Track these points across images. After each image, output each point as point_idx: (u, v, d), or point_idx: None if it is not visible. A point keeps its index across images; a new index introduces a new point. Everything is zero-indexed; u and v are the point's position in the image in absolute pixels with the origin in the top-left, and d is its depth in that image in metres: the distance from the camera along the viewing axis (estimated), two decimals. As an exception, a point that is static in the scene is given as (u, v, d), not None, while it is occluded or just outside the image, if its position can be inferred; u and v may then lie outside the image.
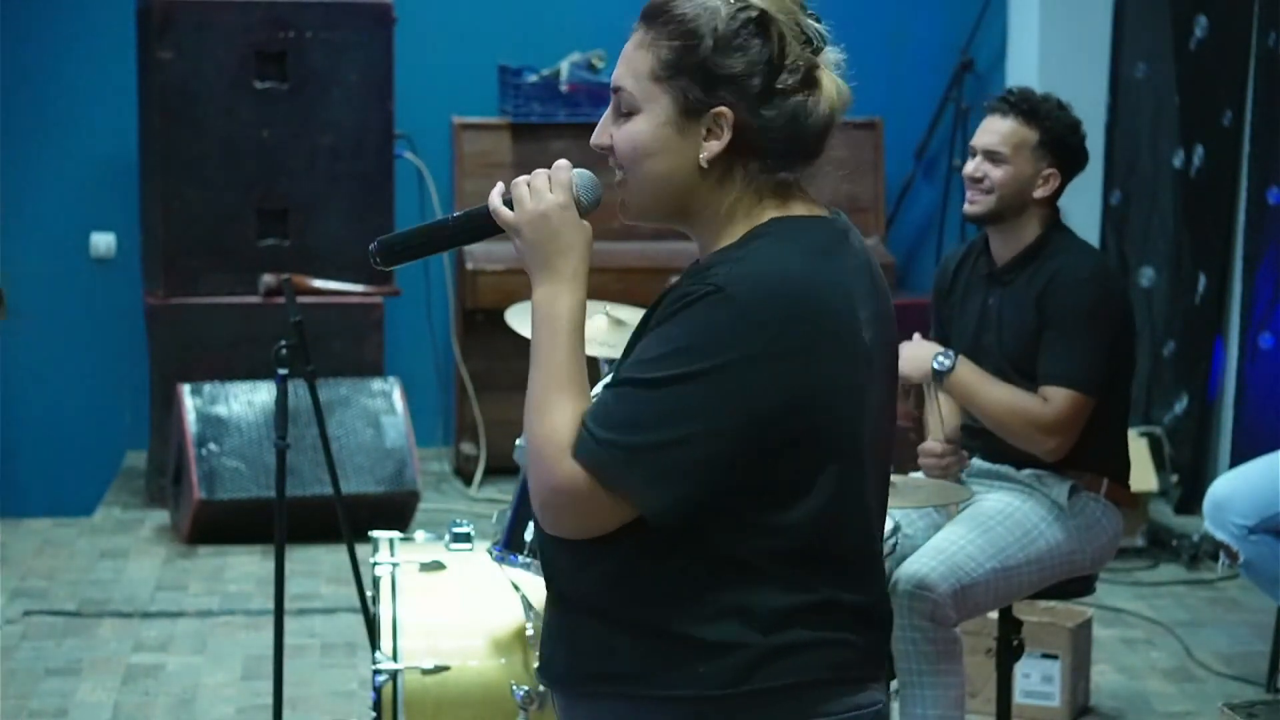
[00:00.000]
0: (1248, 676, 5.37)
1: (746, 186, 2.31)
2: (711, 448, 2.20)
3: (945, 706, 4.08)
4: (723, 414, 2.19)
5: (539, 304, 2.31)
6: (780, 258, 2.25)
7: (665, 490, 2.20)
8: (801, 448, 2.24)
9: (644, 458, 2.20)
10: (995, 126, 4.32)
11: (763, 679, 2.26)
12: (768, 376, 2.20)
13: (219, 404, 6.78)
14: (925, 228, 8.27)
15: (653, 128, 2.30)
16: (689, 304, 2.22)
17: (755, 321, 2.20)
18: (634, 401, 2.21)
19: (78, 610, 5.97)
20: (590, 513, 2.23)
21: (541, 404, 2.27)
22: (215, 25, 7.02)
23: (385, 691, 4.00)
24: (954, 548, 4.12)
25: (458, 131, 7.81)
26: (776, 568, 2.26)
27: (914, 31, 8.22)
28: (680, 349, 2.20)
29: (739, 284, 2.21)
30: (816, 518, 2.26)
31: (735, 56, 2.27)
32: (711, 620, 2.25)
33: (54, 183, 7.79)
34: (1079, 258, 4.32)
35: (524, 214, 2.33)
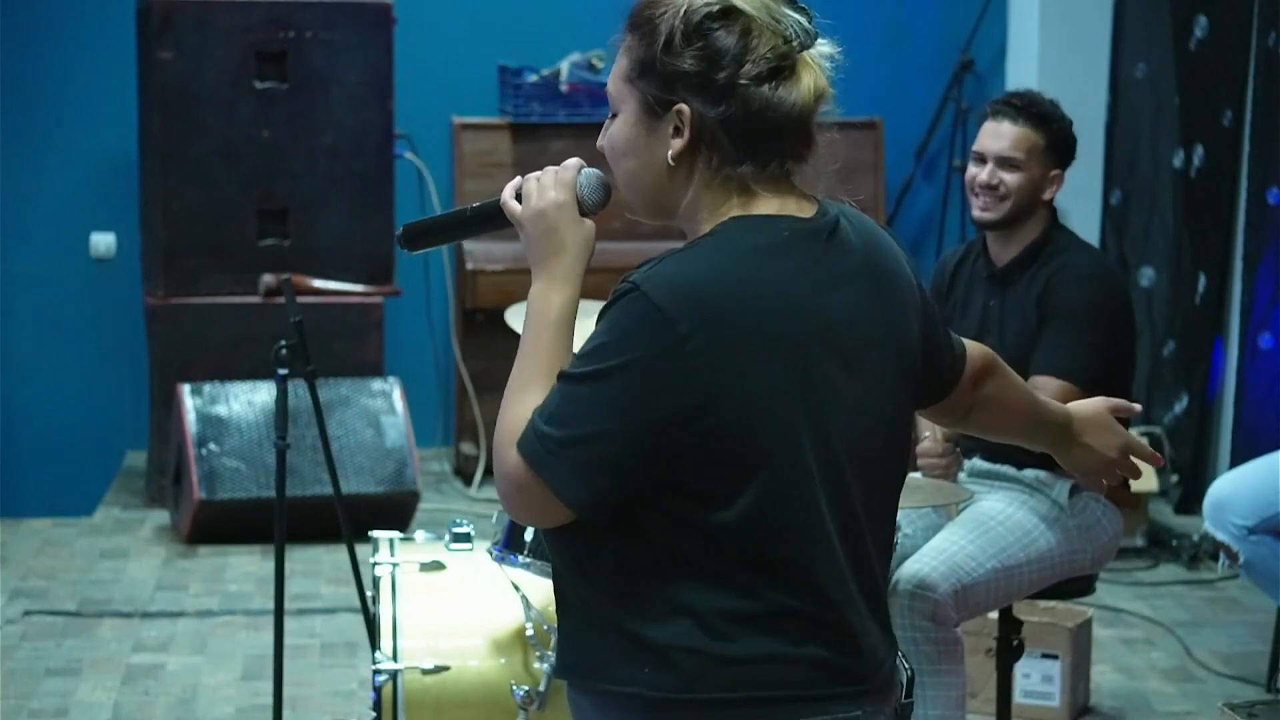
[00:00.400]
0: (1247, 676, 5.37)
1: (710, 181, 2.33)
2: (623, 444, 2.23)
3: (946, 706, 4.08)
4: (631, 411, 2.22)
5: (531, 299, 2.36)
6: (702, 260, 2.27)
7: (582, 484, 2.24)
8: (722, 449, 2.24)
9: (565, 451, 2.24)
10: (1006, 132, 4.31)
11: (707, 688, 2.25)
12: (675, 376, 2.21)
13: (219, 404, 6.78)
14: (925, 228, 8.27)
15: (626, 128, 2.36)
16: (613, 301, 2.27)
17: (663, 321, 2.21)
18: (561, 396, 2.26)
19: (78, 610, 5.97)
20: (532, 502, 2.28)
21: (510, 395, 2.32)
22: (215, 25, 7.02)
23: (385, 691, 3.99)
24: (954, 548, 4.13)
25: (458, 131, 7.81)
26: (722, 569, 2.25)
27: (914, 31, 8.22)
28: (598, 346, 2.25)
29: (652, 283, 2.24)
30: (752, 520, 2.24)
31: (687, 54, 2.29)
32: (660, 619, 2.26)
33: (54, 183, 7.79)
34: (1079, 256, 4.33)
35: (526, 210, 2.39)
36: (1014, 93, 4.43)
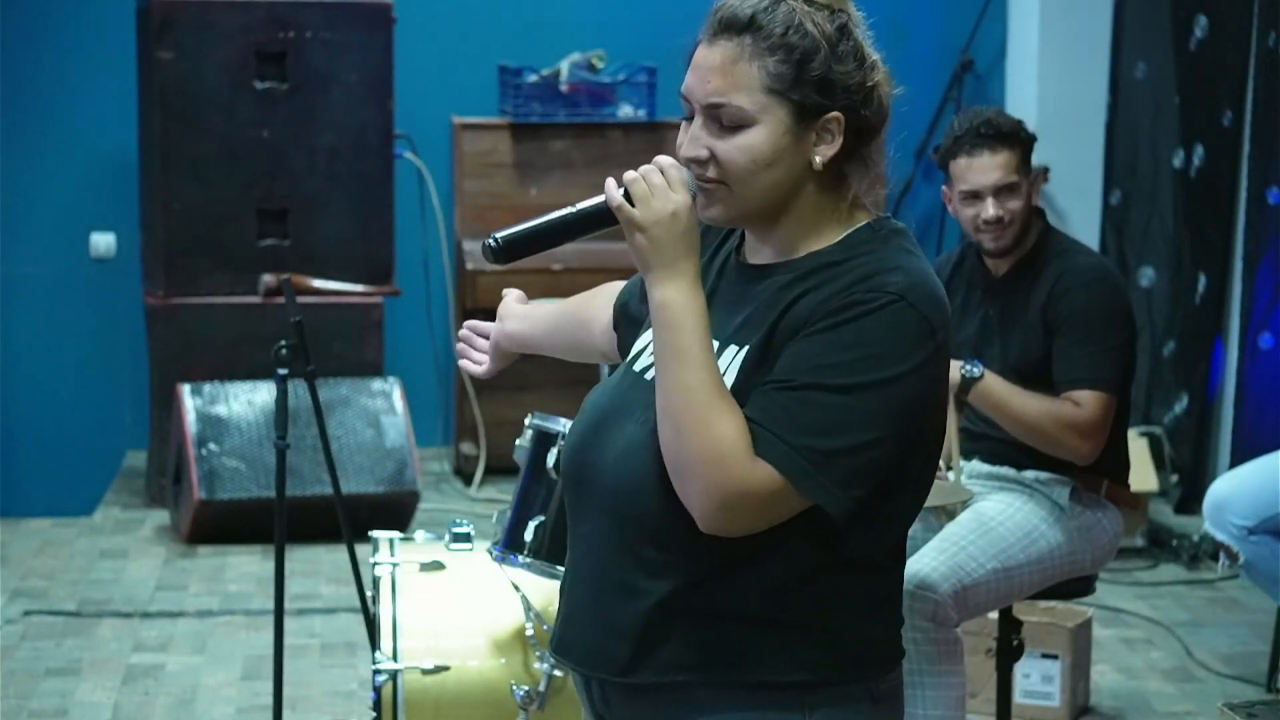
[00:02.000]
0: (1247, 676, 5.37)
1: (858, 185, 2.39)
2: (892, 450, 2.28)
3: (946, 707, 4.08)
4: (903, 418, 2.28)
5: (673, 303, 2.29)
6: (924, 266, 2.35)
7: (850, 492, 2.26)
8: (928, 444, 2.35)
9: (836, 462, 2.24)
10: (992, 163, 4.28)
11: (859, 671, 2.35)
12: (933, 380, 2.30)
13: (219, 404, 6.78)
14: (925, 228, 8.27)
15: (771, 138, 2.32)
16: (870, 311, 2.26)
17: (930, 330, 2.28)
18: (824, 407, 2.25)
19: (78, 610, 5.97)
20: (774, 512, 2.26)
21: (705, 409, 2.25)
22: (215, 25, 7.02)
23: (385, 691, 4.00)
24: (955, 548, 4.13)
25: (458, 131, 7.81)
26: (884, 556, 2.36)
27: (914, 32, 8.21)
28: (867, 356, 2.25)
29: (915, 293, 2.28)
30: (916, 500, 2.38)
31: (846, 62, 2.34)
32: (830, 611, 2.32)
33: (54, 183, 7.79)
34: (1079, 260, 4.32)
35: (651, 213, 2.31)
36: (978, 122, 4.31)
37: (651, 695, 2.36)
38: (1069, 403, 4.19)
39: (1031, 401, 4.22)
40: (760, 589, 2.30)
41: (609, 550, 2.37)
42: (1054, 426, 4.20)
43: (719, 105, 2.32)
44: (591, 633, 2.39)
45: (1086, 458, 4.22)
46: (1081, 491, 4.28)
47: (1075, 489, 4.27)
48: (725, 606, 2.32)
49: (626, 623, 2.35)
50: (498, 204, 7.70)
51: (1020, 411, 4.23)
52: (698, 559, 2.31)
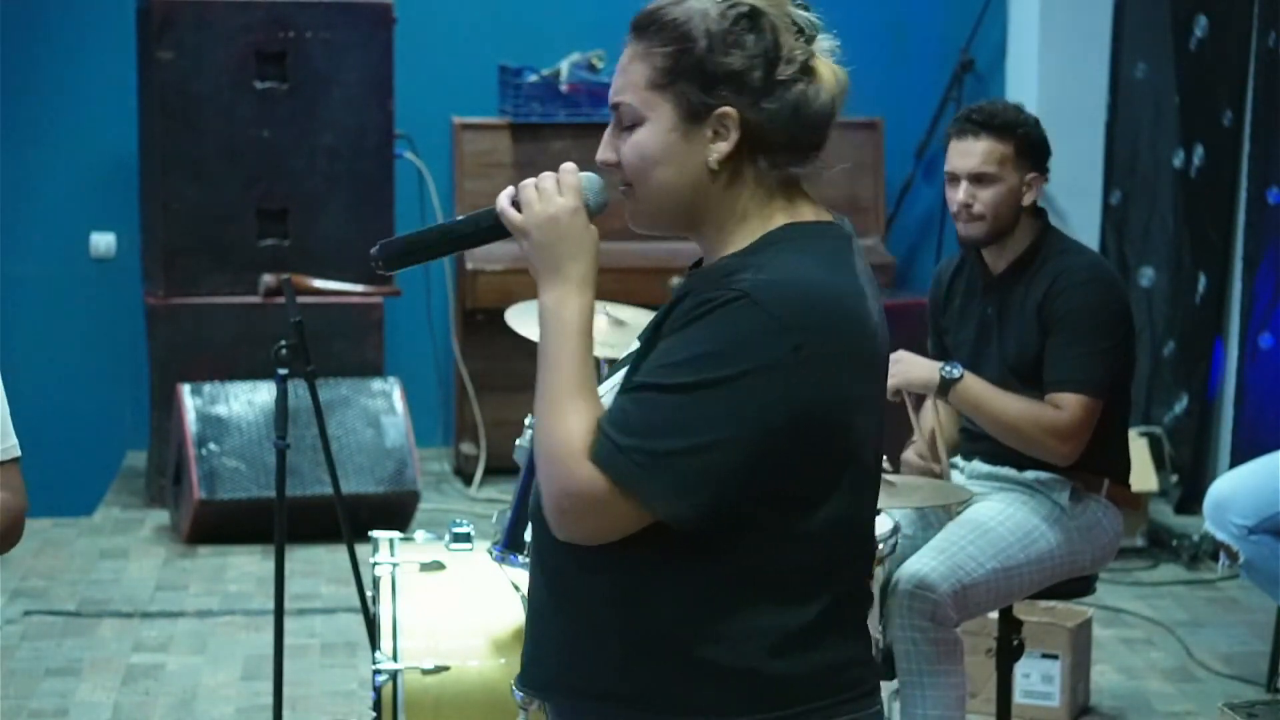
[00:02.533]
0: (1247, 676, 5.37)
1: (757, 185, 2.30)
2: (734, 454, 2.18)
3: (946, 706, 4.08)
4: (746, 421, 2.17)
5: (548, 307, 2.28)
6: (803, 266, 2.24)
7: (688, 497, 2.18)
8: (820, 455, 2.23)
9: (667, 463, 2.17)
10: (972, 148, 4.30)
11: (767, 707, 2.24)
12: (789, 384, 2.18)
13: (219, 404, 6.78)
14: (925, 228, 8.27)
15: (659, 136, 2.28)
16: (713, 309, 2.19)
17: (780, 329, 2.18)
18: (656, 407, 2.19)
19: (78, 610, 5.97)
20: (607, 518, 2.20)
21: (554, 408, 2.23)
22: (215, 25, 7.02)
23: (385, 691, 3.99)
24: (954, 548, 4.13)
25: (458, 131, 7.81)
26: (793, 580, 2.25)
27: (914, 31, 8.22)
28: (705, 354, 2.18)
29: (765, 291, 2.19)
30: (834, 523, 2.25)
31: (732, 53, 2.26)
32: (725, 642, 2.23)
33: (54, 182, 7.79)
34: (1076, 260, 4.31)
35: (533, 217, 2.30)
36: (974, 107, 4.40)
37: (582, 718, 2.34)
38: (1050, 405, 4.18)
39: (1011, 403, 4.22)
40: (651, 618, 2.24)
41: (535, 570, 2.38)
42: (1032, 428, 4.19)
43: (617, 105, 2.32)
44: (529, 652, 2.39)
45: (1066, 459, 4.22)
46: (1082, 491, 4.27)
47: (1075, 489, 4.26)
48: (622, 630, 2.26)
49: (547, 644, 2.35)
50: (498, 204, 7.68)
51: (999, 412, 4.22)
52: (599, 580, 2.27)
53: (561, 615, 2.32)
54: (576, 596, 2.30)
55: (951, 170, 4.32)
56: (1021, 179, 4.30)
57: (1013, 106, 4.37)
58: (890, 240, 8.07)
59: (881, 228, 8.00)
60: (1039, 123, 4.36)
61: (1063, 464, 4.23)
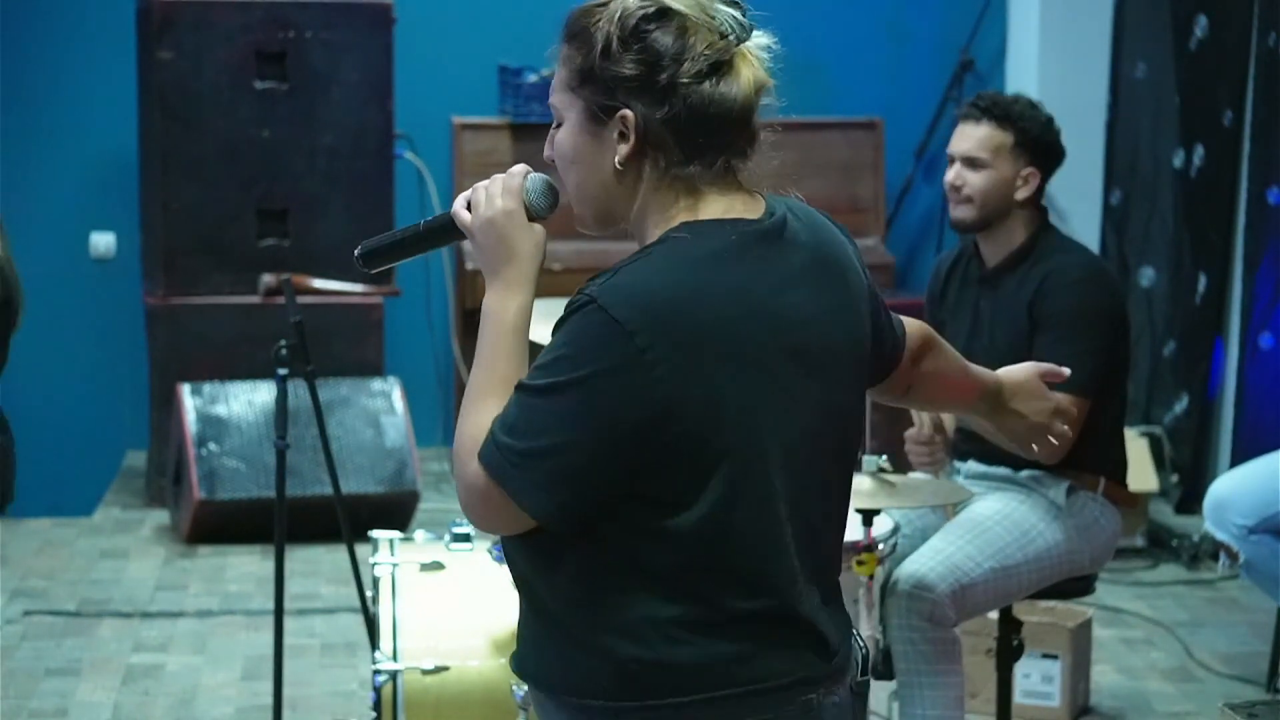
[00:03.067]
0: (1248, 676, 5.37)
1: (657, 186, 2.33)
2: (584, 455, 2.23)
3: (945, 706, 4.08)
4: (592, 424, 2.23)
5: (486, 307, 2.37)
6: (657, 270, 2.26)
7: (545, 495, 2.25)
8: (682, 456, 2.25)
9: (527, 463, 2.25)
10: (970, 133, 4.32)
11: (663, 694, 2.28)
12: (636, 388, 2.22)
13: (219, 404, 6.78)
14: (925, 228, 8.27)
15: (570, 135, 2.36)
16: (570, 313, 2.26)
17: (622, 333, 2.21)
18: (523, 407, 2.27)
19: (78, 610, 5.97)
20: (493, 512, 2.29)
21: (469, 404, 2.34)
22: (215, 25, 7.02)
23: (385, 692, 3.99)
24: (952, 548, 4.12)
25: (458, 131, 7.81)
26: (681, 577, 2.27)
27: (914, 31, 8.22)
28: (558, 358, 2.25)
29: (610, 295, 2.23)
30: (710, 525, 2.26)
31: (625, 58, 2.29)
32: (619, 630, 2.28)
33: (54, 182, 7.79)
34: (1070, 258, 4.30)
35: (475, 220, 2.39)
36: (984, 94, 4.43)
37: (535, 698, 2.42)
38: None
39: None
40: (550, 600, 2.32)
41: None
42: None
43: (551, 107, 2.40)
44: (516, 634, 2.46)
45: (1051, 457, 4.20)
46: (1079, 490, 4.27)
47: (1072, 487, 4.26)
48: (539, 613, 2.35)
49: (519, 627, 2.43)
50: (498, 204, 7.69)
51: None
52: (518, 566, 2.36)
53: (524, 605, 2.41)
54: (522, 586, 2.39)
55: (950, 151, 4.35)
56: (1016, 171, 4.29)
57: (1026, 101, 4.36)
58: (890, 240, 8.07)
59: (881, 228, 8.00)
60: (1051, 122, 4.34)
61: (1048, 461, 4.21)
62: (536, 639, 2.36)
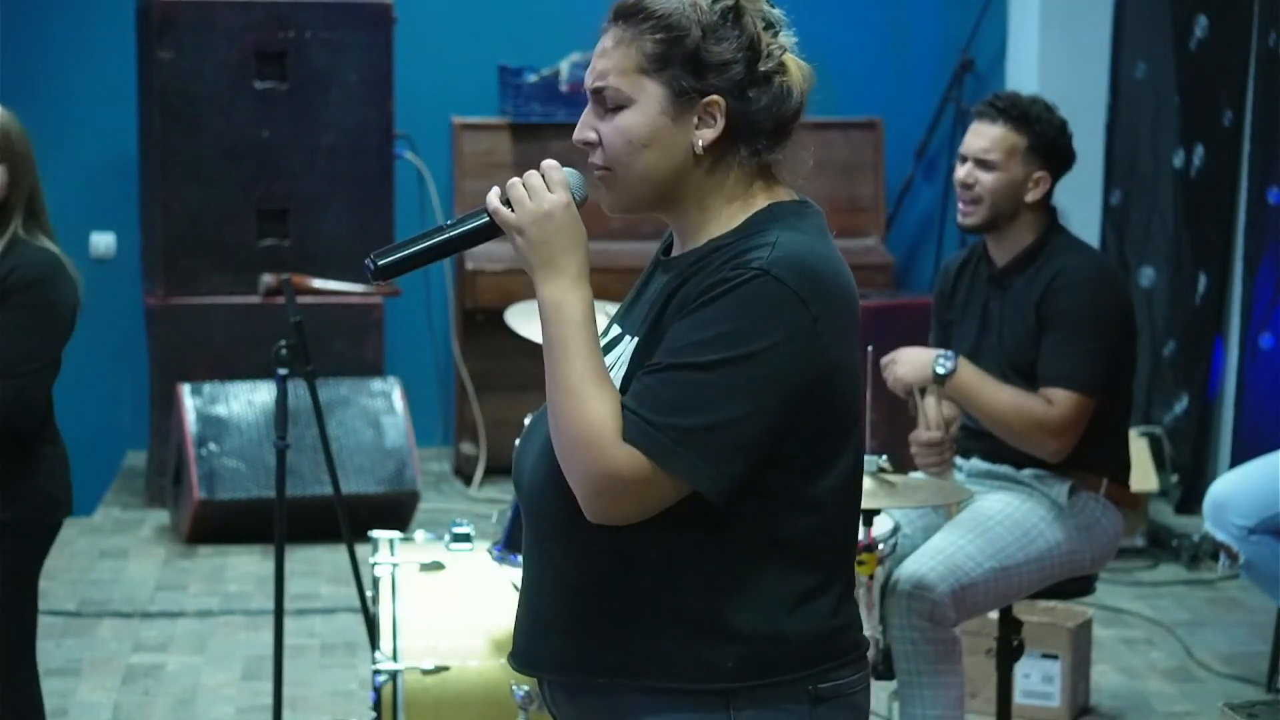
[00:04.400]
0: (1248, 676, 5.37)
1: (740, 170, 2.38)
2: (762, 424, 2.25)
3: (945, 706, 4.08)
4: (772, 392, 2.25)
5: (549, 301, 2.32)
6: (805, 242, 2.32)
7: (723, 469, 2.25)
8: (830, 420, 2.32)
9: (701, 439, 2.24)
10: (985, 132, 4.31)
11: (782, 670, 2.31)
12: (807, 354, 2.27)
13: (219, 404, 6.78)
14: (925, 228, 8.27)
15: (647, 119, 2.35)
16: (733, 288, 2.26)
17: (798, 301, 2.26)
18: (686, 385, 2.25)
19: (78, 610, 5.97)
20: (646, 496, 2.26)
21: (574, 396, 2.27)
22: (215, 25, 7.02)
23: (385, 692, 4.00)
24: (953, 548, 4.12)
25: (458, 131, 7.81)
26: (804, 545, 2.32)
27: (914, 31, 8.22)
28: (730, 331, 2.25)
29: (782, 266, 2.26)
30: (841, 489, 2.34)
31: (722, 45, 2.34)
32: (745, 607, 2.30)
33: (53, 182, 7.67)
34: (1078, 259, 4.31)
35: (526, 214, 2.34)
36: (1002, 93, 4.41)
37: (583, 696, 2.38)
38: (1041, 400, 4.19)
39: (1003, 395, 4.22)
40: (661, 585, 2.30)
41: (531, 549, 2.42)
42: (1021, 422, 4.20)
43: (601, 88, 2.38)
44: (526, 631, 2.43)
45: (1054, 456, 4.22)
46: (1081, 490, 4.27)
47: (1074, 487, 4.26)
48: (631, 604, 2.31)
49: (549, 621, 2.38)
50: (498, 204, 7.69)
51: (989, 404, 4.23)
52: (599, 554, 2.32)
53: (576, 596, 2.35)
54: (598, 578, 2.33)
55: (962, 150, 4.33)
56: (1028, 174, 4.29)
57: (1042, 103, 4.35)
58: (890, 240, 8.07)
59: (881, 228, 8.00)
60: (1066, 128, 4.33)
61: (1051, 460, 4.23)
62: (617, 629, 2.32)
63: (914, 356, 4.31)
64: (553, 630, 2.38)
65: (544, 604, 2.39)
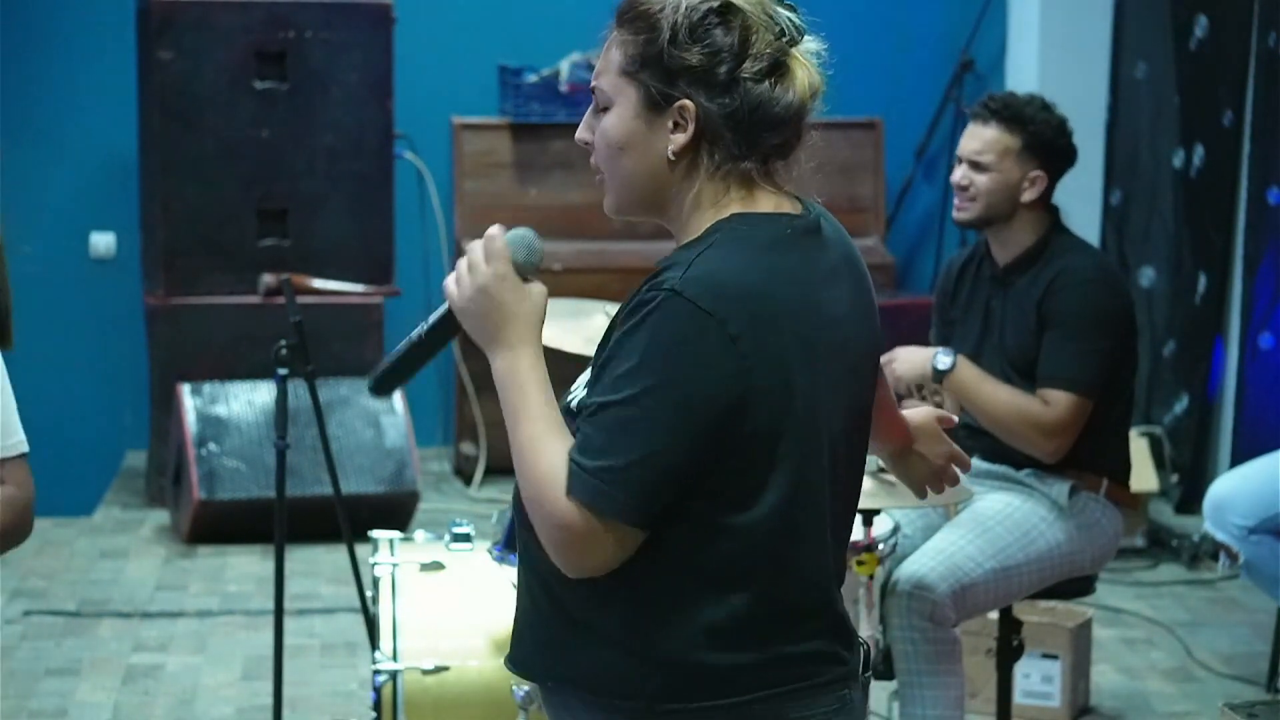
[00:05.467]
0: (1248, 677, 5.37)
1: (711, 177, 2.33)
2: (684, 454, 2.22)
3: (945, 707, 4.08)
4: (693, 418, 2.21)
5: (500, 371, 2.31)
6: (729, 258, 2.26)
7: (649, 502, 2.22)
8: (757, 447, 2.25)
9: (629, 475, 2.21)
10: (978, 134, 4.31)
11: (714, 695, 2.28)
12: (729, 377, 2.21)
13: (219, 404, 6.78)
14: (925, 228, 8.27)
15: (623, 122, 2.33)
16: (649, 313, 2.23)
17: (714, 323, 2.21)
18: (610, 424, 2.22)
19: (77, 610, 5.97)
20: (604, 543, 2.23)
21: (530, 455, 2.26)
22: (215, 25, 7.02)
23: (385, 692, 4.00)
24: (953, 548, 4.12)
25: (457, 131, 7.81)
26: (736, 574, 2.27)
27: (914, 31, 8.21)
28: (646, 360, 2.21)
29: (693, 286, 2.22)
30: (773, 519, 2.27)
31: (693, 49, 2.29)
32: (672, 631, 2.27)
33: (54, 182, 7.79)
34: (1080, 259, 4.31)
35: (464, 292, 2.33)
36: (995, 94, 4.41)
37: (553, 699, 2.40)
38: (1039, 400, 4.19)
39: (1001, 394, 4.22)
40: (591, 606, 2.29)
41: (520, 560, 2.43)
42: (1018, 422, 4.20)
43: (593, 89, 2.37)
44: (515, 633, 2.44)
45: (1051, 456, 4.22)
46: (1081, 491, 4.27)
47: (1074, 487, 4.26)
48: (572, 613, 2.32)
49: (521, 623, 2.41)
50: (497, 204, 7.69)
51: (986, 402, 4.23)
52: (547, 568, 2.31)
53: (537, 605, 2.37)
54: (548, 590, 2.34)
55: (958, 151, 4.33)
56: (1023, 174, 4.29)
57: (1040, 103, 4.34)
58: (890, 240, 8.07)
59: (881, 228, 8.00)
60: (1064, 125, 4.33)
61: (1048, 460, 4.23)
62: (577, 645, 2.32)
63: (913, 355, 4.32)
64: (521, 633, 2.41)
65: (521, 605, 2.42)
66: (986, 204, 4.29)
